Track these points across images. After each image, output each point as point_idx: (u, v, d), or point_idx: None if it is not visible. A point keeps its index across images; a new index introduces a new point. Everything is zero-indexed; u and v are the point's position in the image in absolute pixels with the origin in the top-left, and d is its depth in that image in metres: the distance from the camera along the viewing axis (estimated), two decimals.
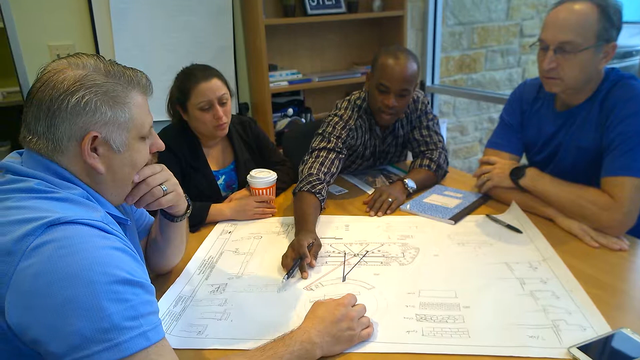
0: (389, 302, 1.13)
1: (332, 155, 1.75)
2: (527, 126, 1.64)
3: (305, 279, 1.25)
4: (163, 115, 1.80)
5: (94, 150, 0.87)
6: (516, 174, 1.55)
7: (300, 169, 1.74)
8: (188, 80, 1.68)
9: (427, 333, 1.01)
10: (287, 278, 1.23)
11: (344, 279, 1.24)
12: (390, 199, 1.66)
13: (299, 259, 1.28)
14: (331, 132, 1.81)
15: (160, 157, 1.69)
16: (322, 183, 1.64)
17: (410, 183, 1.77)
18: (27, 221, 0.75)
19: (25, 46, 2.52)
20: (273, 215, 1.67)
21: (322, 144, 1.78)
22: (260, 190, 1.67)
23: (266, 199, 1.67)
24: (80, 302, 0.71)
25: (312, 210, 1.54)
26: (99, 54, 2.68)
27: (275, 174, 1.71)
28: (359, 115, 1.87)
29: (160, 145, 1.00)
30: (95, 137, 0.85)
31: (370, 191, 1.82)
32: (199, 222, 1.60)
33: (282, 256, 1.33)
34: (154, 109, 0.98)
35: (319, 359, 0.94)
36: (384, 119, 1.81)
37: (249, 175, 1.69)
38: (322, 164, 1.72)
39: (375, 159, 2.05)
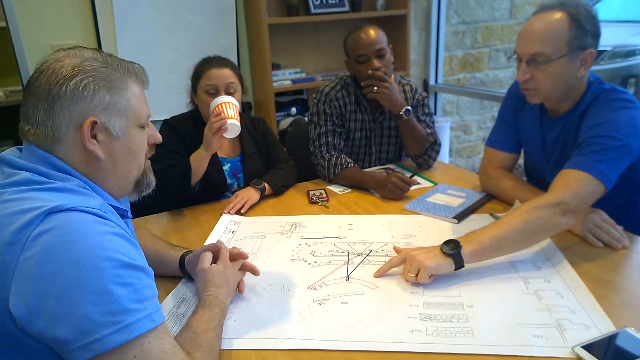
0: (392, 302, 1.13)
1: (330, 137, 1.98)
2: (519, 123, 1.65)
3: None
4: (163, 115, 1.90)
5: (94, 137, 0.87)
6: (451, 245, 1.21)
7: (316, 161, 1.98)
8: (203, 64, 1.82)
9: (431, 332, 1.01)
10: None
11: (347, 278, 1.24)
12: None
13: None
14: (318, 112, 2.00)
15: (165, 136, 1.78)
16: (340, 157, 1.93)
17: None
18: (25, 211, 0.75)
19: (28, 46, 2.53)
20: (226, 129, 1.64)
21: (317, 131, 1.99)
22: (216, 108, 1.68)
23: (217, 112, 1.65)
24: (87, 286, 0.72)
25: (362, 172, 1.90)
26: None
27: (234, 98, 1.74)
28: (343, 87, 2.04)
29: (158, 138, 1.02)
30: (94, 123, 0.85)
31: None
32: (187, 178, 1.67)
33: (393, 191, 1.72)
34: (156, 107, 0.99)
35: None
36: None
37: None
38: (327, 147, 1.97)
39: (367, 138, 2.08)
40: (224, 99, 1.71)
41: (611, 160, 1.29)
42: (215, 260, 1.17)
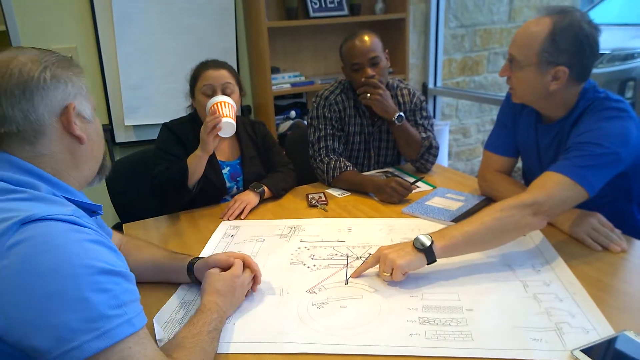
0: (391, 305, 1.13)
1: (329, 140, 1.99)
2: (517, 127, 1.65)
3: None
4: (162, 119, 1.92)
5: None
6: (422, 241, 1.22)
7: (315, 164, 1.99)
8: (200, 67, 1.83)
9: (430, 336, 1.01)
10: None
11: (346, 282, 1.24)
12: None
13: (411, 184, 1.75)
14: (318, 116, 2.02)
15: (165, 139, 1.84)
16: (339, 160, 1.94)
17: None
18: None
19: None
20: (220, 128, 1.63)
21: (316, 134, 2.01)
22: (212, 107, 1.69)
23: (213, 111, 1.66)
24: (64, 295, 0.71)
25: (361, 175, 1.89)
26: (100, 56, 2.72)
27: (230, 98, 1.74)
28: (342, 91, 2.05)
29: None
30: (73, 108, 0.88)
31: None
32: (185, 180, 1.66)
33: (392, 195, 1.71)
34: (156, 111, 1.00)
35: None
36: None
37: None
38: (327, 150, 1.98)
39: (366, 142, 2.09)
40: (219, 98, 1.70)
41: (596, 167, 1.28)
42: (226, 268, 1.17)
